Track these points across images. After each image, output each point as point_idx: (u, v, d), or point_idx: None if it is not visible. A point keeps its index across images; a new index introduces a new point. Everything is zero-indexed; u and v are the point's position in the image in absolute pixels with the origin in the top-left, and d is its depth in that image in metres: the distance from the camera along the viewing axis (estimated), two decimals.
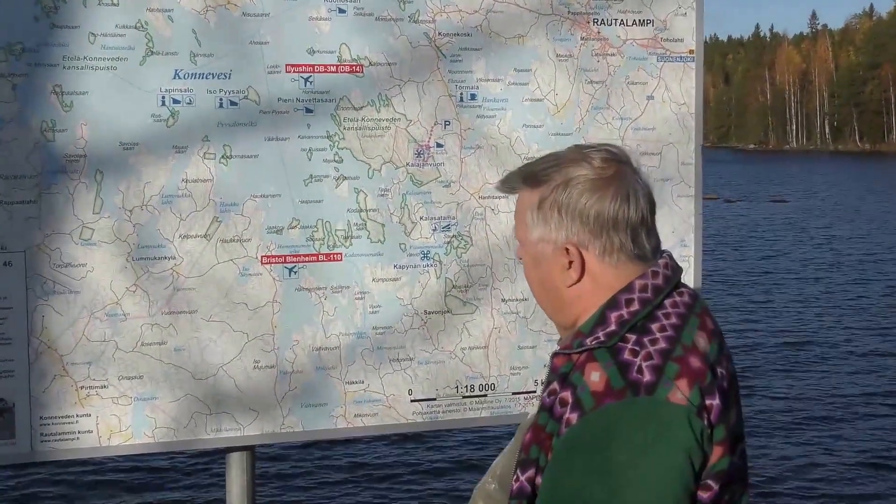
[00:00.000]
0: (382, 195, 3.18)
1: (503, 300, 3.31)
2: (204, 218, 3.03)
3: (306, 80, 3.09)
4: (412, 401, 3.25)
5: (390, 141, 3.18)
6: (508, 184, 2.09)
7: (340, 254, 3.15)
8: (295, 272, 3.11)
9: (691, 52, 3.42)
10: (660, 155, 3.44)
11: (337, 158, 3.13)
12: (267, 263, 3.09)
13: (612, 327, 1.90)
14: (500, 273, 3.30)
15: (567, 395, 1.88)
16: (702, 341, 1.92)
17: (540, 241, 1.99)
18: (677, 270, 2.02)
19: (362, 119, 3.15)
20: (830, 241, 27.03)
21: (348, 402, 3.17)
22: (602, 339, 1.89)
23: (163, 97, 2.97)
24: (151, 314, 3.00)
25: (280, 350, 3.11)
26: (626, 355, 1.85)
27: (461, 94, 3.24)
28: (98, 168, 2.93)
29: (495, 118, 3.28)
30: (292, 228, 3.10)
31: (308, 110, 3.10)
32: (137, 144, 2.96)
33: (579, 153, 2.00)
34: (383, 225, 3.18)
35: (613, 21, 3.36)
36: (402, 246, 3.21)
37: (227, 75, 3.03)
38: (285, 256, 3.10)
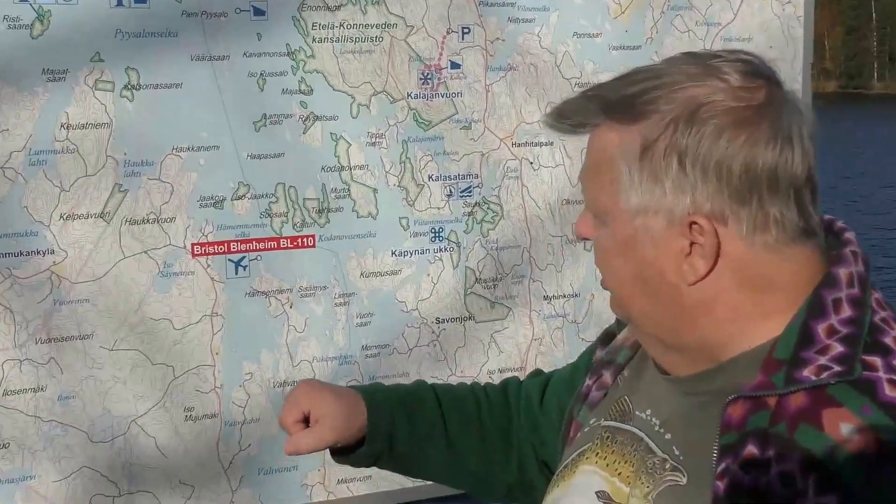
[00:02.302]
0: (373, 144, 2.24)
1: (545, 298, 2.43)
2: (99, 187, 2.03)
3: None
4: None
5: (383, 60, 2.23)
6: (574, 115, 1.32)
7: (313, 236, 2.21)
8: (244, 267, 2.14)
9: None
10: None
11: (304, 88, 2.16)
12: (201, 255, 2.10)
13: (841, 348, 1.24)
14: (542, 258, 2.41)
15: (793, 466, 1.20)
16: None
17: (641, 212, 1.28)
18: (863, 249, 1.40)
19: (340, 25, 2.20)
20: None
21: (328, 462, 2.16)
22: (838, 369, 1.23)
23: None
24: (19, 344, 2.01)
25: (225, 389, 2.16)
26: (888, 390, 1.22)
27: None
28: None
29: (534, 23, 2.38)
30: (238, 199, 2.13)
31: (258, 11, 2.12)
32: None
33: (702, 65, 1.27)
34: (375, 190, 2.25)
35: None
36: (404, 222, 2.30)
37: None
38: (228, 243, 2.13)
